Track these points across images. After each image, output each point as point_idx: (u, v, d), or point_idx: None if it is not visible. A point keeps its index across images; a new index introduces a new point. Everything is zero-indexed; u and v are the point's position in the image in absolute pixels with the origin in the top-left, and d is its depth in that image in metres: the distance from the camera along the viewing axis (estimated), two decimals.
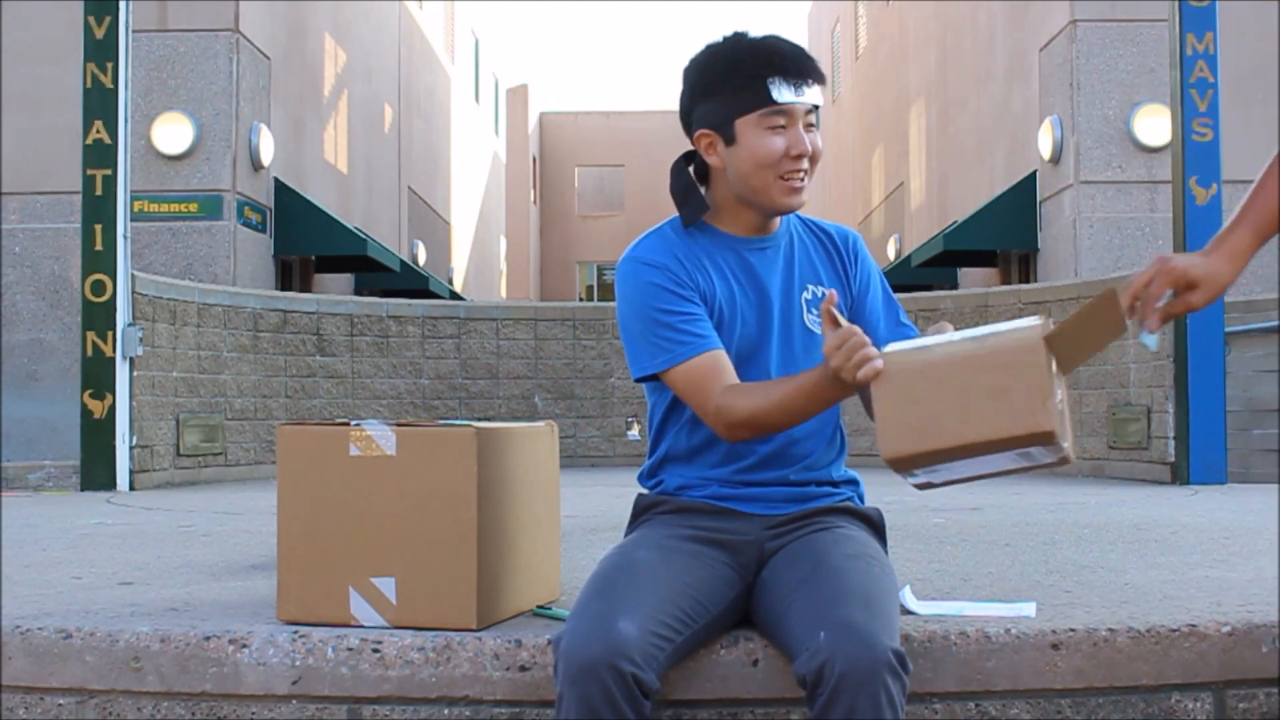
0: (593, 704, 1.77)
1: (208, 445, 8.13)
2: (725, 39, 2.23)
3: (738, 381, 2.13)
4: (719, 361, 2.14)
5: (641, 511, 2.28)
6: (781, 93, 2.16)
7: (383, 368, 9.26)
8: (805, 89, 2.17)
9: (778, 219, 2.28)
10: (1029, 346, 1.85)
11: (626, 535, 2.26)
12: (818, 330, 2.19)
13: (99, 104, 7.05)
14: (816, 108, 2.22)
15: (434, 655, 2.12)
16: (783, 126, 2.17)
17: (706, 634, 2.05)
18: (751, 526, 2.18)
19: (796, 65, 2.17)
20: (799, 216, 2.34)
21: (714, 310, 2.21)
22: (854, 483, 2.33)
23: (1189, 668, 2.15)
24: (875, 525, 2.28)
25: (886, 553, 2.24)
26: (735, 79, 2.18)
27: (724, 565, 2.12)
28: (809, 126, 2.20)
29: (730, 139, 2.19)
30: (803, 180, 2.19)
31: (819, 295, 2.25)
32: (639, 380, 2.22)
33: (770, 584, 2.09)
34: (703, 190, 2.26)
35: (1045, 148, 12.71)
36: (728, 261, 2.25)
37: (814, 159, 2.21)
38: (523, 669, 2.11)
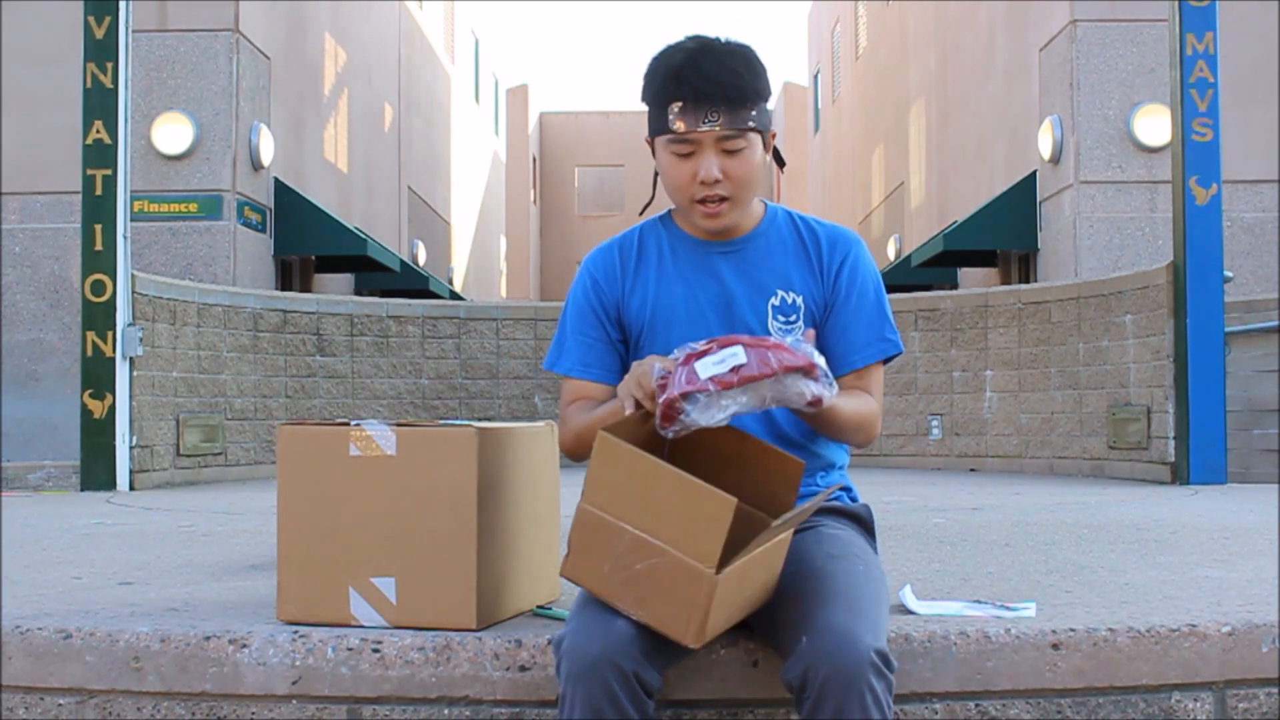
0: (596, 703, 1.77)
1: (208, 445, 8.13)
2: (664, 50, 2.20)
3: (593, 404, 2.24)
4: (586, 390, 2.27)
5: None
6: (683, 121, 2.12)
7: (383, 368, 9.26)
8: (715, 115, 2.10)
9: (748, 221, 2.27)
10: (696, 576, 1.83)
11: None
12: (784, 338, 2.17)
13: (99, 104, 7.05)
14: (746, 129, 2.13)
15: (434, 655, 2.12)
16: (689, 154, 2.14)
17: None
18: None
19: (699, 93, 2.10)
20: (794, 218, 2.30)
21: (645, 318, 2.25)
22: (844, 487, 2.33)
23: (1189, 668, 2.15)
24: (863, 523, 2.28)
25: (876, 551, 2.23)
26: (648, 98, 2.19)
27: None
28: (727, 152, 2.13)
29: (654, 153, 2.23)
30: (719, 204, 2.16)
31: (788, 302, 2.22)
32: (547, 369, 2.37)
33: None
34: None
35: (1045, 148, 12.71)
36: (687, 262, 2.26)
37: (735, 182, 2.15)
38: (523, 669, 2.11)
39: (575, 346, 2.29)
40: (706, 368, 1.88)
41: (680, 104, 2.12)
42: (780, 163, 2.34)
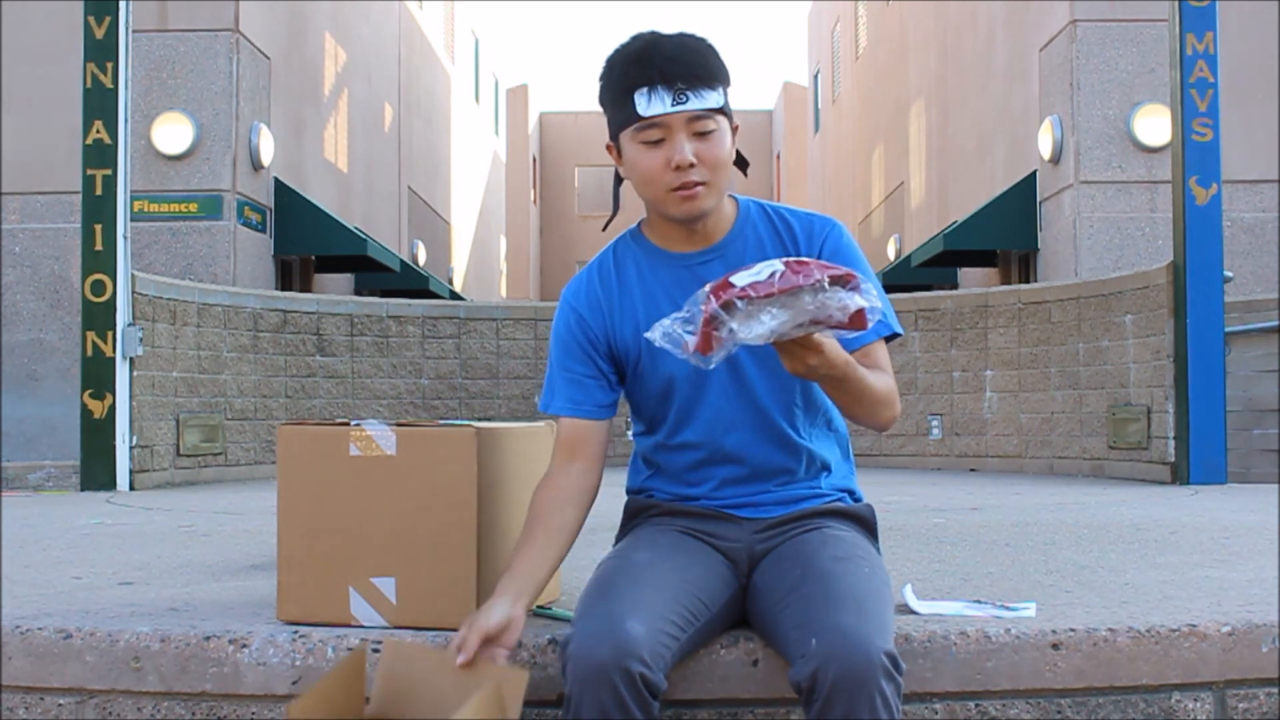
0: (603, 705, 1.77)
1: (208, 445, 8.13)
2: (618, 47, 2.13)
3: (590, 453, 2.19)
4: (575, 430, 2.19)
5: (633, 515, 2.29)
6: (650, 105, 2.05)
7: (383, 368, 9.26)
8: (682, 96, 2.04)
9: (723, 224, 2.19)
10: None
11: (618, 541, 2.26)
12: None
13: (99, 104, 7.05)
14: (715, 111, 2.07)
15: None
16: (659, 140, 2.07)
17: (708, 632, 2.05)
18: (741, 531, 2.17)
19: (666, 73, 2.04)
20: (766, 210, 2.23)
21: (641, 345, 2.17)
22: (848, 489, 2.32)
23: (1189, 668, 2.15)
24: (866, 524, 2.26)
25: (879, 552, 2.22)
26: (610, 93, 2.12)
27: (720, 563, 2.13)
28: (698, 134, 2.06)
29: (620, 153, 2.15)
30: (697, 188, 2.08)
31: None
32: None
33: (762, 590, 2.08)
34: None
35: (1045, 148, 12.71)
36: (666, 282, 2.18)
37: (709, 165, 2.08)
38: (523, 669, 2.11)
39: (563, 384, 2.21)
40: (743, 278, 1.78)
41: (646, 88, 2.05)
42: (742, 165, 2.28)
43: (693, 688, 2.10)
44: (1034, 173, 13.33)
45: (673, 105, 2.04)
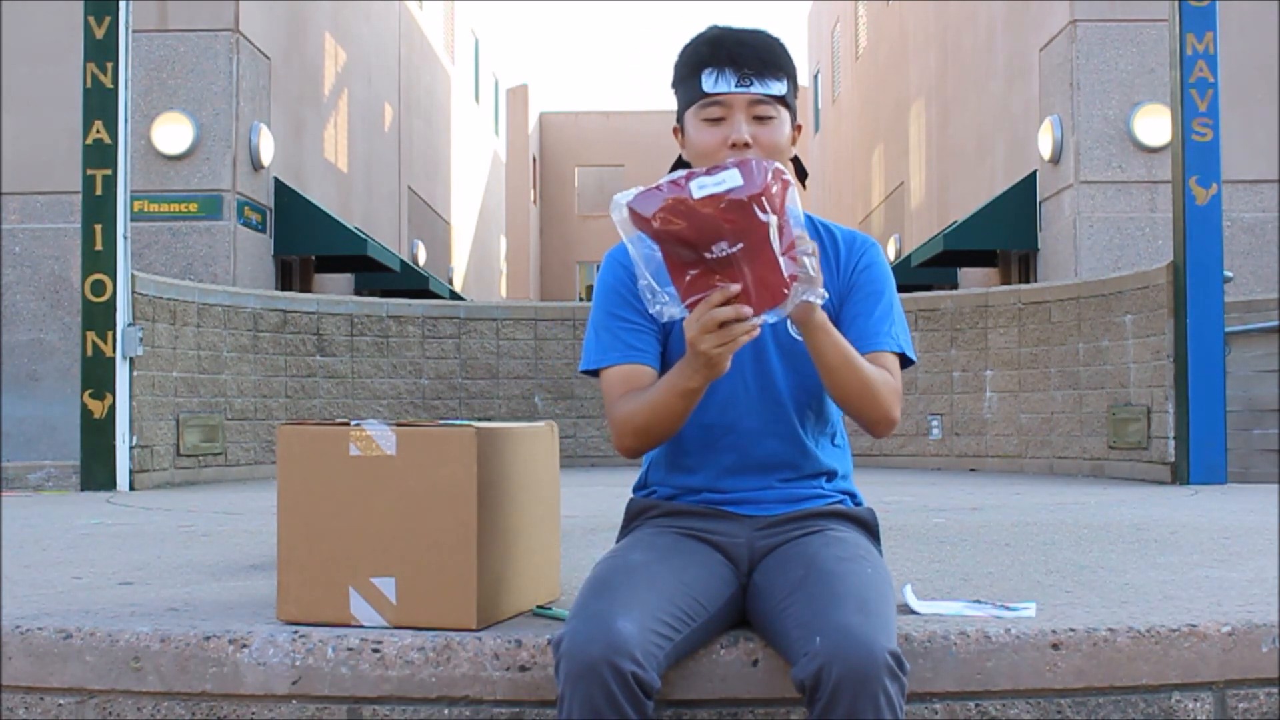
0: (595, 703, 1.77)
1: (208, 445, 8.13)
2: (694, 35, 2.23)
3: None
4: (636, 375, 2.16)
5: (634, 516, 2.29)
6: (715, 83, 2.14)
7: (383, 368, 9.26)
8: (747, 80, 2.13)
9: None
10: None
11: (619, 540, 2.26)
12: (800, 337, 2.14)
13: (99, 104, 7.05)
14: (774, 99, 2.15)
15: (434, 655, 2.12)
16: (719, 118, 2.15)
17: (705, 632, 2.05)
18: (742, 528, 2.18)
19: (733, 55, 2.13)
20: (813, 220, 2.27)
21: (669, 323, 2.19)
22: (849, 491, 2.32)
23: (1189, 668, 2.15)
24: (868, 527, 2.27)
25: (880, 554, 2.22)
26: (680, 72, 2.21)
27: (719, 564, 2.13)
28: (759, 118, 2.14)
29: (684, 132, 2.22)
30: None
31: None
32: (583, 373, 2.26)
33: (763, 589, 2.08)
34: None
35: (1045, 148, 12.71)
36: None
37: (765, 149, 2.14)
38: (523, 669, 2.11)
39: (619, 332, 2.20)
40: (706, 183, 1.85)
41: (714, 68, 2.14)
42: (801, 175, 2.31)
43: (693, 688, 2.09)
44: (1034, 173, 13.33)
45: (737, 86, 2.13)
